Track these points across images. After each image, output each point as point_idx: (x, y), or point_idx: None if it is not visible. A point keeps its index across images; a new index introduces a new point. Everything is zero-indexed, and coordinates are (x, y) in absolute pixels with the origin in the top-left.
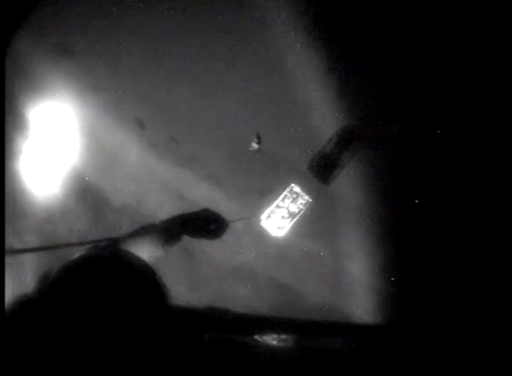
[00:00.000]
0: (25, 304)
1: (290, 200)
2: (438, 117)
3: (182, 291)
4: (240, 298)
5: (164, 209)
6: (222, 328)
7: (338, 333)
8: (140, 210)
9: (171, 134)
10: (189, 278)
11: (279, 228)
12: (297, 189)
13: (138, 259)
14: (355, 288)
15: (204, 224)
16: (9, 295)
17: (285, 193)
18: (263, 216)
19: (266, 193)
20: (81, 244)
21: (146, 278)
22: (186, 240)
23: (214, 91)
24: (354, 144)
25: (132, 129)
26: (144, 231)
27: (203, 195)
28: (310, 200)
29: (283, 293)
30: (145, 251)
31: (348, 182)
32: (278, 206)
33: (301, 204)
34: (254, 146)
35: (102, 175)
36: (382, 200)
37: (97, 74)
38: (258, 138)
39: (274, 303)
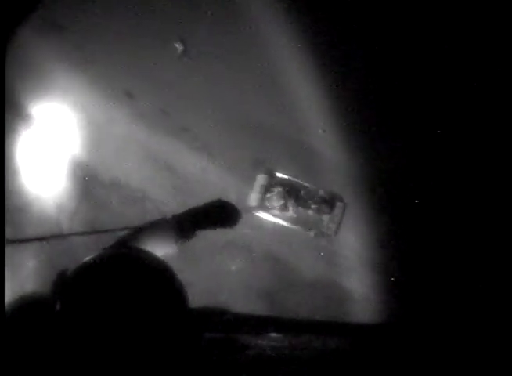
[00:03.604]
0: (33, 305)
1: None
2: (438, 117)
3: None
4: (234, 274)
5: (154, 182)
6: (221, 328)
7: (338, 333)
8: (130, 184)
9: (160, 105)
10: (180, 253)
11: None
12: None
13: (156, 259)
14: (353, 263)
15: (218, 215)
16: (11, 294)
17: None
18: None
19: (259, 165)
20: (85, 233)
21: (164, 279)
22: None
23: (204, 61)
24: None
25: (121, 101)
26: (155, 226)
27: (194, 166)
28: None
29: (278, 268)
30: (157, 248)
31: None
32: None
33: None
34: (179, 47)
35: (90, 150)
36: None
37: (86, 48)
38: (182, 40)
39: (269, 278)
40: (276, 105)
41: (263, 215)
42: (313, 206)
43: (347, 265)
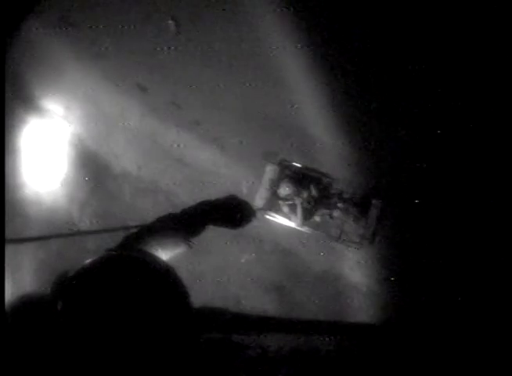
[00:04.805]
0: (34, 305)
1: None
2: (438, 116)
3: (183, 261)
4: (244, 265)
5: (166, 175)
6: (221, 328)
7: (337, 332)
8: (141, 176)
9: (172, 98)
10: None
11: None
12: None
13: (158, 261)
14: (362, 258)
15: (230, 213)
16: (11, 294)
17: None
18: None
19: (271, 158)
20: (89, 232)
21: (166, 281)
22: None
23: (216, 56)
24: None
25: (133, 95)
26: (163, 224)
27: (205, 159)
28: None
29: (287, 260)
30: (167, 247)
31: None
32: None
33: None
34: (171, 23)
35: (102, 142)
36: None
37: (99, 43)
38: (174, 19)
39: (278, 271)
40: (288, 97)
41: (275, 216)
42: (340, 205)
43: (355, 259)
